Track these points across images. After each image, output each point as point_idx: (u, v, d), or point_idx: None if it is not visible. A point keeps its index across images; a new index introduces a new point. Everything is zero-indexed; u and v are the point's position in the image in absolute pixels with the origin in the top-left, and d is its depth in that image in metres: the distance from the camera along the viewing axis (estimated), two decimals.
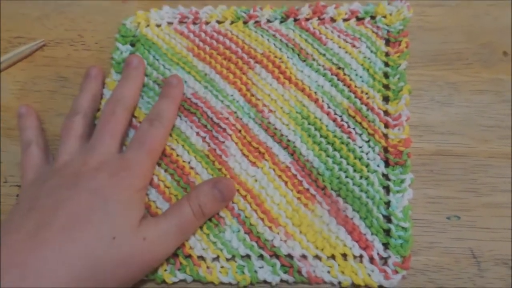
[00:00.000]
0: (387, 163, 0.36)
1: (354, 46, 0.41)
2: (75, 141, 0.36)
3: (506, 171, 0.37)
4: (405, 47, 0.40)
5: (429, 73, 0.41)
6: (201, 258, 0.34)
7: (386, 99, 0.39)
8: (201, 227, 0.34)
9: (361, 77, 0.39)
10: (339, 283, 0.33)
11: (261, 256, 0.34)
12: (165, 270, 0.33)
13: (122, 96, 0.37)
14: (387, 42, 0.41)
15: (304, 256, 0.33)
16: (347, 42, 0.41)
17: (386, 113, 0.38)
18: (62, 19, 0.46)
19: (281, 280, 0.33)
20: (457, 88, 0.40)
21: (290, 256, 0.33)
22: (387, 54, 0.40)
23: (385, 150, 0.37)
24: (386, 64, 0.40)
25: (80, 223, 0.30)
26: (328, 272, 0.33)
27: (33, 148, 0.37)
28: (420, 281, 0.33)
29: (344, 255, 0.33)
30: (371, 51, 0.40)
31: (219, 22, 0.44)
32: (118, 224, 0.30)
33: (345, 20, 0.42)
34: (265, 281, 0.33)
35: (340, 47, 0.41)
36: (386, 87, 0.39)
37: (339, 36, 0.41)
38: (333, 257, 0.33)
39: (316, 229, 0.34)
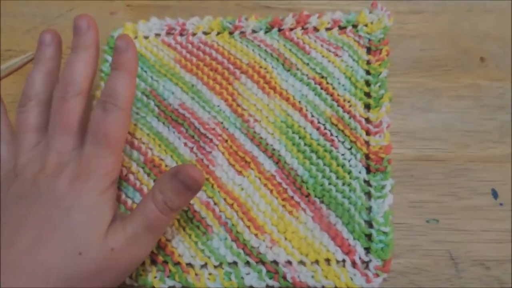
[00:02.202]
0: (368, 170, 0.37)
1: (336, 55, 0.42)
2: (31, 137, 0.33)
3: (485, 175, 0.38)
4: (386, 55, 0.41)
5: (409, 80, 0.42)
6: (190, 265, 0.35)
7: (367, 106, 0.40)
8: (189, 235, 0.36)
9: (343, 85, 0.40)
10: (323, 287, 0.34)
11: (247, 263, 0.35)
12: (155, 277, 0.34)
13: (72, 78, 0.32)
14: (369, 50, 0.42)
15: (289, 262, 0.35)
16: (330, 51, 0.42)
17: (367, 120, 0.39)
18: None
19: (267, 286, 0.34)
20: (437, 94, 0.41)
21: (275, 262, 0.35)
22: (368, 62, 0.41)
23: (367, 157, 0.38)
24: (368, 72, 0.41)
25: (43, 242, 0.28)
26: (312, 277, 0.34)
27: None
28: (400, 283, 0.34)
29: (328, 260, 0.35)
30: (353, 60, 0.41)
31: (205, 33, 0.45)
32: (83, 237, 0.29)
33: (328, 29, 0.43)
34: (251, 287, 0.34)
35: (323, 56, 0.42)
36: (368, 95, 0.40)
37: (322, 46, 0.42)
38: (317, 262, 0.35)
39: (300, 236, 0.35)
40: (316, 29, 0.44)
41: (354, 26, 0.43)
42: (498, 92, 0.41)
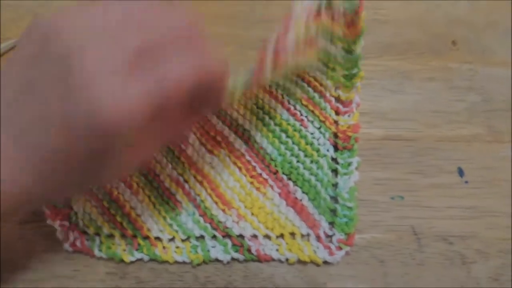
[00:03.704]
0: (336, 148, 0.38)
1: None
2: None
3: (452, 154, 0.39)
4: (359, 32, 0.41)
5: (382, 63, 0.43)
6: (158, 239, 0.36)
7: (338, 86, 0.41)
8: (159, 211, 0.36)
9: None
10: (287, 259, 0.35)
11: (214, 237, 0.36)
12: (124, 250, 0.35)
13: None
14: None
15: (254, 236, 0.35)
16: None
17: (337, 99, 0.40)
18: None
19: (232, 259, 0.35)
20: (408, 76, 0.42)
21: (241, 236, 0.35)
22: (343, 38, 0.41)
23: (335, 135, 0.38)
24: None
25: None
26: (277, 250, 0.35)
27: None
28: (363, 257, 0.35)
29: (293, 234, 0.35)
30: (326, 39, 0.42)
31: None
32: None
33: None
34: (217, 260, 0.35)
35: None
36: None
37: None
38: (282, 236, 0.35)
39: (267, 211, 0.36)
40: None
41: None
42: (468, 74, 0.42)
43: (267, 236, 0.35)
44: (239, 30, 0.45)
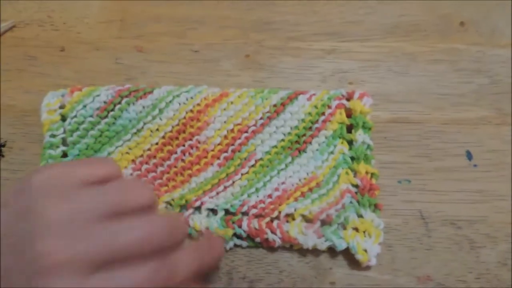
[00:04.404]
0: None
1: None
2: None
3: (459, 137, 0.38)
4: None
5: (387, 45, 0.42)
6: None
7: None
8: None
9: None
10: (291, 245, 0.34)
11: None
12: None
13: None
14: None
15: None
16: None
17: None
18: (32, 1, 0.47)
19: (235, 245, 0.34)
20: (414, 58, 0.41)
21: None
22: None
23: None
24: None
25: None
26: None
27: None
28: None
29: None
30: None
31: None
32: None
33: None
34: None
35: None
36: None
37: None
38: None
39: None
40: None
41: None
42: (477, 56, 0.41)
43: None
44: (242, 13, 0.44)
